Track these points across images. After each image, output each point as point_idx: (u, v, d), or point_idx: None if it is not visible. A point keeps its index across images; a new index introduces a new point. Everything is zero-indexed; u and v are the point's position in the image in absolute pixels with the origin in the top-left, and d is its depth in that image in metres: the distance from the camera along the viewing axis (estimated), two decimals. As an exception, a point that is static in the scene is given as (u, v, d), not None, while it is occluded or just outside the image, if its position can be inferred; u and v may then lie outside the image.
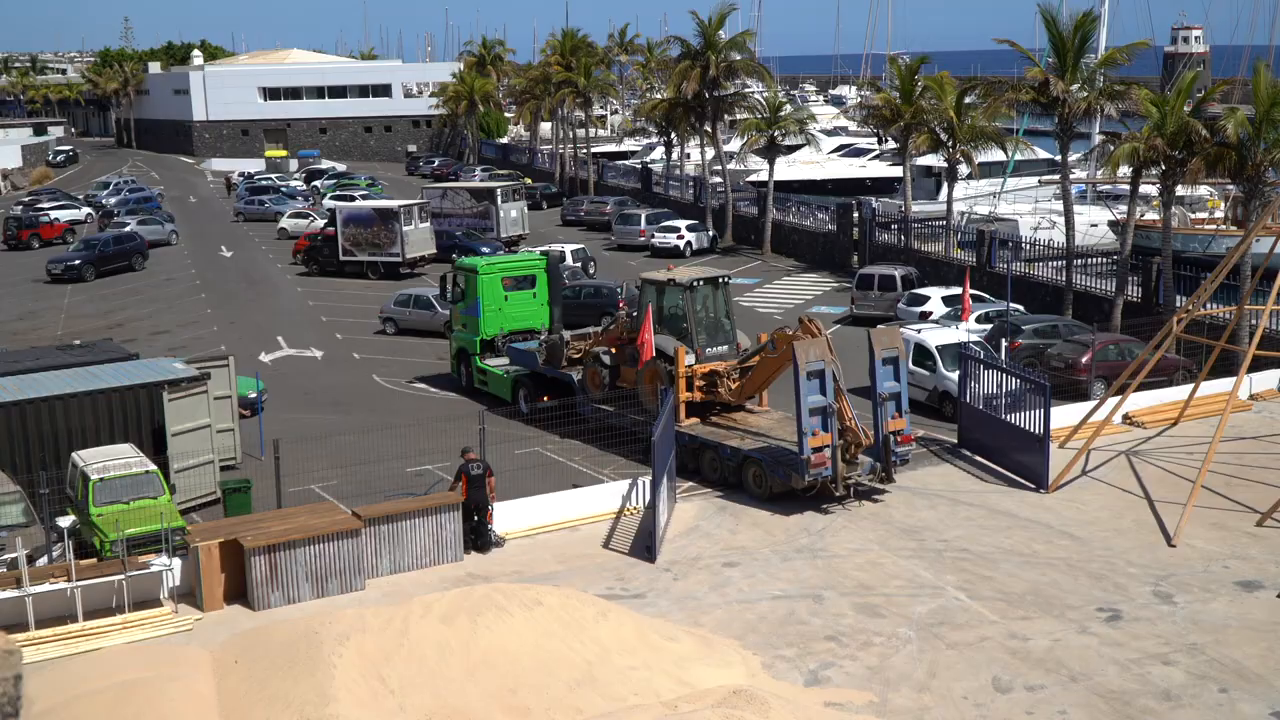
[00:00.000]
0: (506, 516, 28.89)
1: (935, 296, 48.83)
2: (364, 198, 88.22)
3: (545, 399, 37.16)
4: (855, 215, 65.51)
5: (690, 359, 33.75)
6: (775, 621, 24.31)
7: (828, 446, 29.37)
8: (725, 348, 34.68)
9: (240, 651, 21.85)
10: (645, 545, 28.07)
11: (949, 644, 23.22)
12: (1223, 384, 36.73)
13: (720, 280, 35.30)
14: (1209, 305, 38.55)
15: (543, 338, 40.20)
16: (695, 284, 34.55)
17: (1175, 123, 43.62)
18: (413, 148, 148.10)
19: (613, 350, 36.25)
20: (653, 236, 73.12)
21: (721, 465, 32.05)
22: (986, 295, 48.99)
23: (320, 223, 76.91)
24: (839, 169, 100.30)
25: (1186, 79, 46.85)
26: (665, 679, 21.04)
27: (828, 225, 69.41)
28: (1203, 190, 64.70)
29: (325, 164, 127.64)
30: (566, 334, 39.01)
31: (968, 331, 40.39)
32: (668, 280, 34.94)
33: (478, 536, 27.99)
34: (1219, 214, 65.44)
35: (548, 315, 42.02)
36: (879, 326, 34.73)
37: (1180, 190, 48.27)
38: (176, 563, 25.44)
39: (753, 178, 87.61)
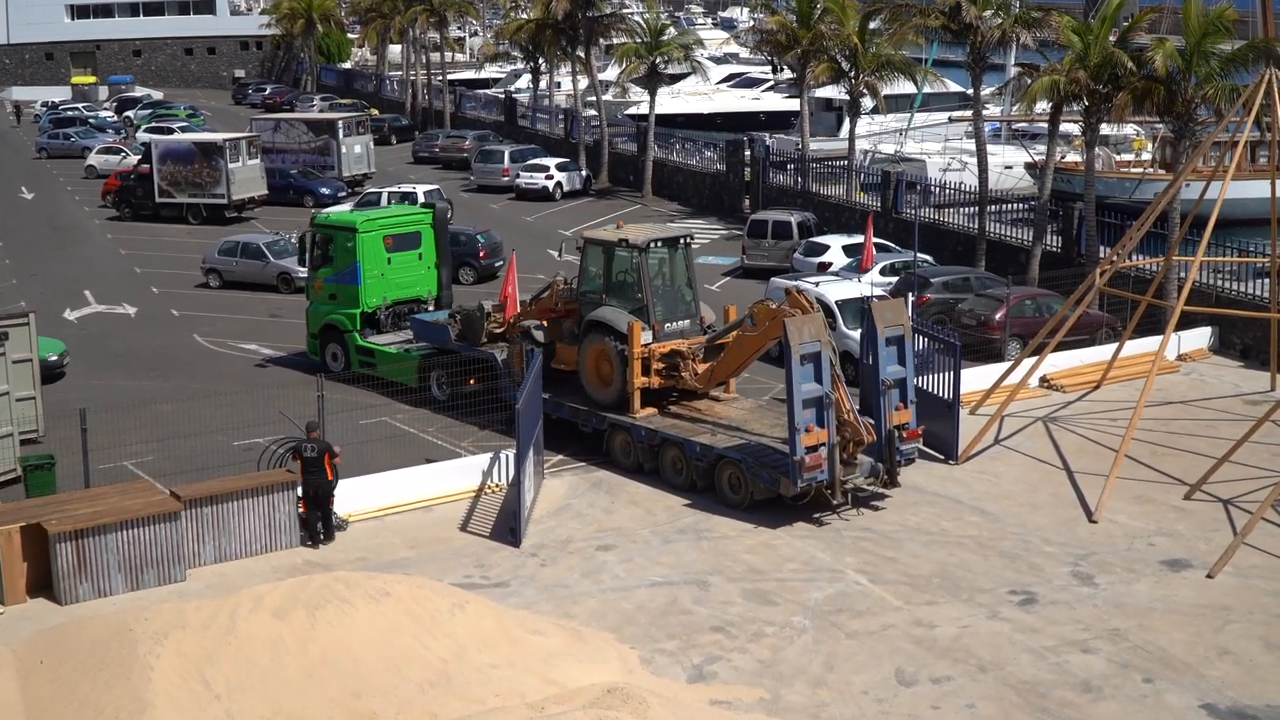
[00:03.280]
0: (350, 496, 28.67)
1: (835, 246, 49.21)
2: (183, 130, 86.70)
3: (472, 382, 34.96)
4: (747, 154, 65.73)
5: (647, 336, 31.39)
6: (655, 611, 24.49)
7: (824, 445, 27.70)
8: (687, 322, 32.52)
9: (46, 650, 21.56)
10: (509, 527, 28.10)
11: (848, 633, 23.58)
12: (1149, 343, 37.54)
13: (681, 241, 33.25)
14: (1134, 256, 39.38)
15: (455, 308, 38.04)
16: (652, 245, 32.21)
17: (1099, 54, 44.25)
18: (240, 73, 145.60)
19: (545, 324, 33.82)
20: (518, 176, 72.81)
21: (688, 466, 30.17)
22: (892, 244, 49.52)
23: (133, 159, 75.40)
24: (729, 101, 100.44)
25: (1111, 5, 47.56)
26: (531, 678, 21.11)
27: (716, 165, 69.61)
28: (1129, 129, 65.86)
29: (139, 91, 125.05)
30: (486, 304, 36.58)
31: (871, 285, 40.83)
32: (618, 241, 32.36)
33: (324, 530, 27.66)
34: (1146, 156, 66.76)
35: (435, 280, 40.69)
36: (874, 298, 33.12)
37: (1104, 129, 49.15)
38: (-29, 550, 24.97)
39: (632, 110, 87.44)
